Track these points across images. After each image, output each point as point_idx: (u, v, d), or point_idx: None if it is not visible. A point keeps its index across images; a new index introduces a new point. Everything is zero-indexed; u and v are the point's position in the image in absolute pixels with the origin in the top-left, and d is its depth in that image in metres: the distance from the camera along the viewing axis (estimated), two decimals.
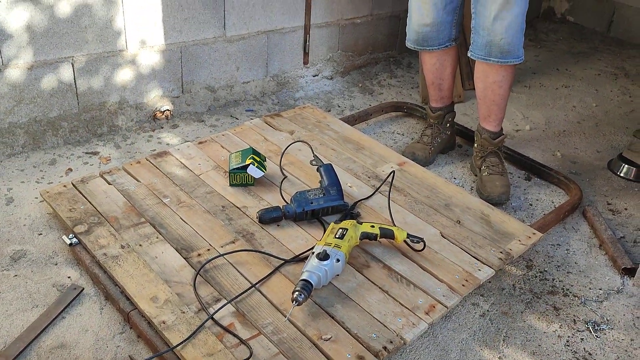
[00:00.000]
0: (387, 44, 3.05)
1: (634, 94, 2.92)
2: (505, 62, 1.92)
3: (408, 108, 2.60)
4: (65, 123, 2.11)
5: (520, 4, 1.85)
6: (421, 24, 2.07)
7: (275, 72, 2.65)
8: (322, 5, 2.66)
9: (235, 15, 2.39)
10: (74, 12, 1.97)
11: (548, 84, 3.00)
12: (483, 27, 1.91)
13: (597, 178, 2.22)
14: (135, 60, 2.19)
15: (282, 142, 2.09)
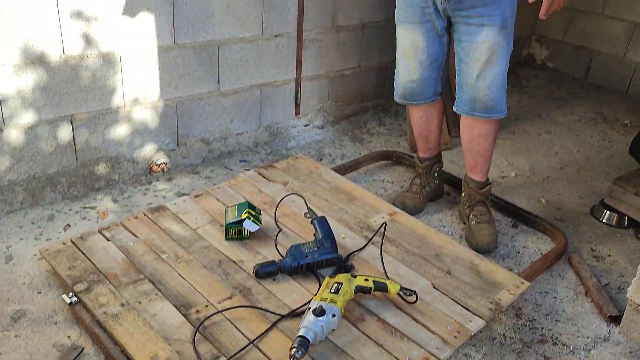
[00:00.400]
0: (375, 94, 3.16)
1: (613, 139, 3.04)
2: (489, 116, 2.01)
3: (397, 156, 2.68)
4: (63, 179, 2.16)
5: (501, 63, 1.95)
6: (408, 81, 2.16)
7: (268, 123, 2.73)
8: (312, 59, 2.76)
9: (229, 71, 2.48)
10: (74, 73, 2.05)
11: (531, 129, 3.11)
12: (467, 84, 2.01)
13: (581, 224, 2.30)
14: (132, 116, 2.26)
15: (276, 194, 2.15)
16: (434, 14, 2.01)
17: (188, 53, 2.32)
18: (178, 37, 2.26)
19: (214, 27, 2.35)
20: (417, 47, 2.08)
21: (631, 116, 3.33)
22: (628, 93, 3.62)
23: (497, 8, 1.90)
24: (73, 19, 1.97)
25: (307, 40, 2.70)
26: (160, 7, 2.16)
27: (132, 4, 2.09)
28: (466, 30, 1.96)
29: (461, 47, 2.00)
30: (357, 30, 2.90)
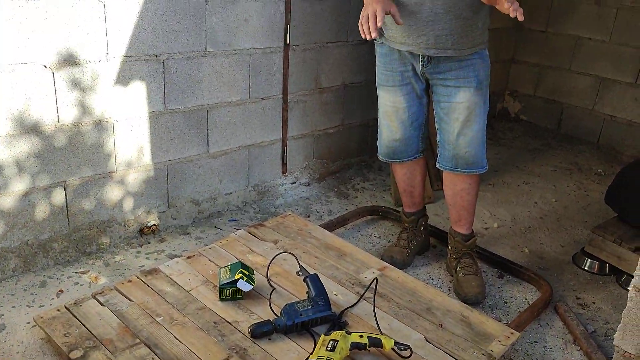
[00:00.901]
0: (359, 150, 3.26)
1: (588, 188, 3.16)
2: (470, 172, 2.11)
3: (383, 211, 2.75)
4: (56, 244, 2.17)
5: (480, 121, 2.06)
6: (391, 140, 2.26)
7: (255, 182, 2.80)
8: (297, 119, 2.86)
9: (218, 133, 2.56)
10: (68, 141, 2.10)
11: (510, 181, 3.23)
12: (448, 142, 2.11)
13: (564, 272, 2.37)
14: (124, 180, 2.31)
15: (268, 253, 2.18)
16: (413, 77, 2.13)
17: (178, 118, 2.40)
18: (169, 103, 2.35)
19: (203, 93, 2.44)
20: (398, 108, 2.19)
21: (604, 165, 3.48)
22: (599, 143, 3.79)
23: (472, 70, 2.03)
24: (69, 89, 2.05)
25: (292, 102, 2.81)
26: (152, 75, 2.25)
27: (125, 74, 2.17)
28: (444, 91, 2.08)
29: (440, 107, 2.11)
30: (340, 91, 3.02)
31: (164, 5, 2.19)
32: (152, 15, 2.18)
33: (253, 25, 2.51)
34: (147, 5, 2.15)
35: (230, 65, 2.49)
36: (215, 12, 2.36)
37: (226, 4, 2.38)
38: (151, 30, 2.20)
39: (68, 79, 2.04)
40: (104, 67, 2.11)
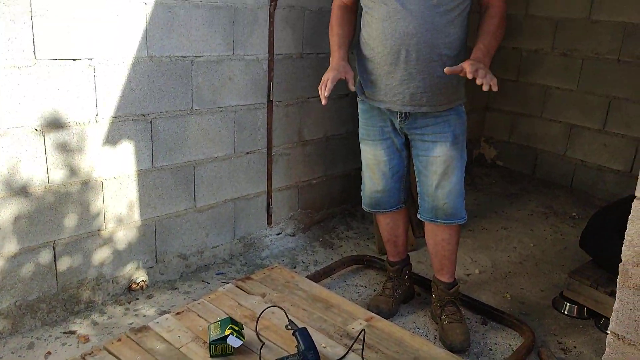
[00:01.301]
0: (342, 199, 3.34)
1: (564, 232, 3.27)
2: (450, 223, 2.19)
3: (367, 260, 2.81)
4: (43, 305, 2.18)
5: (457, 174, 2.16)
6: (374, 191, 2.34)
7: (242, 234, 2.84)
8: (281, 171, 2.94)
9: (205, 188, 2.61)
10: (57, 201, 2.14)
11: (489, 226, 3.32)
12: (427, 194, 2.19)
13: (545, 317, 2.43)
14: (113, 237, 2.34)
15: (256, 307, 2.21)
16: (393, 133, 2.23)
17: (166, 174, 2.45)
18: (157, 160, 2.41)
19: (189, 149, 2.51)
20: (379, 161, 2.28)
21: (578, 209, 3.60)
22: (572, 187, 3.92)
23: (448, 126, 2.13)
24: (59, 150, 2.10)
25: (277, 155, 2.89)
26: (140, 134, 2.32)
27: (114, 134, 2.24)
28: (422, 146, 2.18)
29: (419, 161, 2.21)
30: (322, 143, 3.12)
31: (151, 67, 2.28)
32: (140, 77, 2.26)
33: (237, 83, 2.61)
34: (135, 68, 2.23)
35: (216, 122, 2.57)
36: (201, 73, 2.45)
37: (211, 64, 2.48)
38: (139, 92, 2.28)
39: (58, 140, 2.09)
40: (93, 128, 2.17)
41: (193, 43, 2.38)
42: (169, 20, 2.28)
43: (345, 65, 2.05)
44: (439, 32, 1.97)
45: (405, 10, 1.96)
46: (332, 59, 2.12)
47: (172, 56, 2.33)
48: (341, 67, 2.03)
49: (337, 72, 2.00)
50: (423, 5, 1.95)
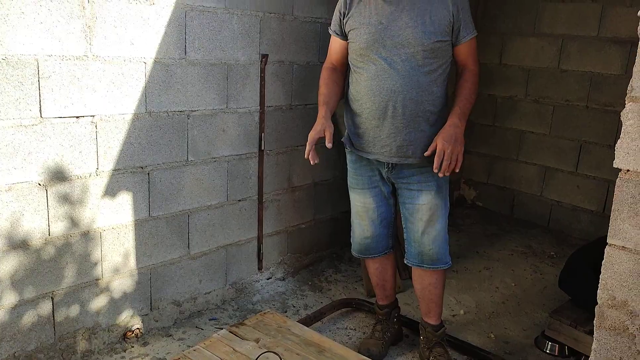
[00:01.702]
0: (330, 243, 3.44)
1: (544, 272, 3.40)
2: (435, 267, 2.30)
3: (356, 303, 2.89)
4: (41, 355, 2.21)
5: (441, 221, 2.28)
6: (363, 237, 2.46)
7: (233, 279, 2.92)
8: (272, 217, 3.04)
9: (198, 236, 2.70)
10: (57, 252, 2.20)
11: (472, 267, 3.44)
12: (414, 240, 2.31)
13: (529, 356, 2.54)
14: (110, 286, 2.40)
15: (251, 352, 2.27)
16: (380, 181, 2.36)
17: (161, 223, 2.54)
18: (153, 210, 2.49)
19: (184, 199, 2.60)
20: (368, 208, 2.40)
21: (556, 248, 3.75)
22: (549, 226, 4.09)
23: (432, 176, 2.26)
24: (60, 203, 2.18)
25: (267, 201, 3.00)
26: (138, 185, 2.41)
27: (113, 186, 2.32)
28: (408, 194, 2.31)
29: (405, 208, 2.33)
30: (310, 189, 3.24)
31: (150, 122, 2.39)
32: (139, 132, 2.37)
33: (230, 134, 2.73)
34: (134, 123, 2.34)
35: (209, 172, 2.68)
36: (197, 126, 2.57)
37: (206, 118, 2.60)
38: (138, 145, 2.38)
39: (60, 194, 2.17)
40: (93, 181, 2.26)
41: (189, 98, 2.51)
42: (166, 78, 2.41)
43: (324, 122, 2.19)
44: (424, 90, 2.13)
45: (393, 69, 2.12)
46: (319, 113, 2.26)
47: (170, 111, 2.45)
48: (320, 125, 2.18)
49: (315, 133, 2.16)
50: (409, 65, 2.11)
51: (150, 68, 2.34)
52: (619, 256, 1.63)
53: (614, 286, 1.65)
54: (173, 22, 2.38)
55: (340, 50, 2.33)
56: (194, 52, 2.48)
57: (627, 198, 1.59)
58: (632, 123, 1.56)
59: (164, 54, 2.38)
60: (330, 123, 2.21)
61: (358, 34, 2.19)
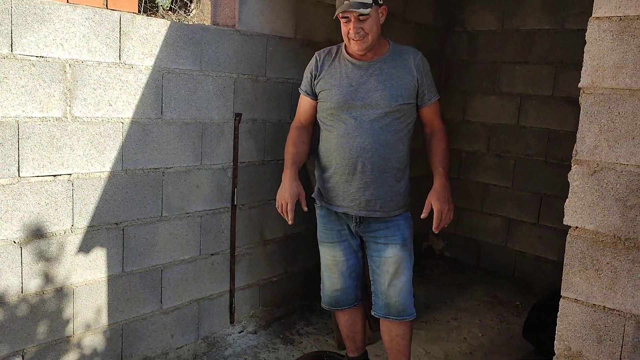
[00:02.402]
0: (301, 294, 3.48)
1: (510, 321, 3.50)
2: (401, 319, 2.38)
3: (327, 356, 2.93)
4: None
5: (407, 273, 2.38)
6: (333, 290, 2.53)
7: (205, 333, 2.93)
8: (244, 270, 3.09)
9: (171, 290, 2.73)
10: (30, 309, 2.21)
11: (440, 317, 3.52)
12: (381, 292, 2.40)
13: None
14: (81, 343, 2.40)
15: None
16: (349, 235, 2.46)
17: (135, 278, 2.57)
18: (127, 265, 2.53)
19: (158, 254, 2.64)
20: (337, 261, 2.49)
21: (521, 297, 3.87)
22: (514, 276, 4.22)
23: (397, 230, 2.38)
24: (34, 261, 2.20)
25: (239, 255, 3.05)
26: (113, 241, 2.46)
27: (88, 243, 2.36)
28: (375, 247, 2.41)
29: (373, 261, 2.43)
30: (282, 242, 3.31)
31: (126, 179, 2.46)
32: (114, 189, 2.43)
33: (204, 190, 2.81)
34: (111, 180, 2.41)
35: (183, 227, 2.74)
36: (171, 182, 2.65)
37: (181, 174, 2.68)
38: (113, 202, 2.44)
39: (35, 251, 2.20)
40: (69, 238, 2.30)
41: (165, 156, 2.59)
42: (143, 137, 2.50)
43: (297, 186, 2.34)
44: (390, 148, 2.28)
45: (362, 128, 2.26)
46: (284, 175, 2.38)
47: (145, 168, 2.53)
48: (294, 188, 2.32)
49: (292, 198, 2.31)
50: (377, 125, 2.26)
51: (127, 127, 2.43)
52: (572, 308, 1.75)
53: (569, 337, 1.76)
54: (150, 84, 2.49)
55: (310, 109, 2.47)
56: (170, 112, 2.59)
57: (577, 253, 1.72)
58: (578, 184, 1.71)
59: (141, 114, 2.48)
60: (300, 186, 2.33)
61: (329, 94, 2.34)
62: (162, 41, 2.50)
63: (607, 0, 1.59)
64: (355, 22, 2.20)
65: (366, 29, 2.21)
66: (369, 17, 2.19)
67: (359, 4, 2.15)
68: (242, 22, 2.85)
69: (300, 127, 2.50)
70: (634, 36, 1.55)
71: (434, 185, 2.29)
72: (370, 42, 2.24)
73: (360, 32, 2.20)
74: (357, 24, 2.20)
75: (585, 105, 1.68)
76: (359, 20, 2.19)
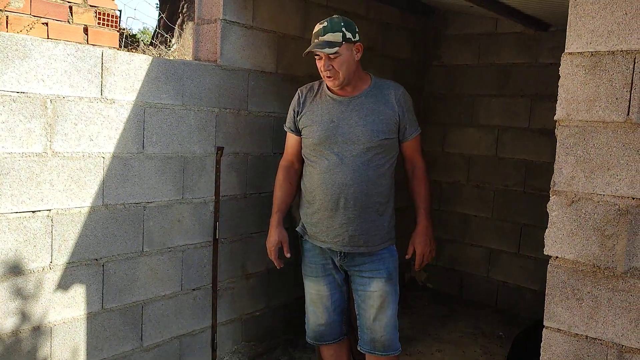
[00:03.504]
0: (284, 329, 3.44)
1: (493, 352, 3.49)
2: (386, 354, 2.37)
3: None
4: None
5: (392, 307, 2.37)
6: (317, 324, 2.51)
7: None
8: (226, 305, 3.05)
9: (152, 327, 2.68)
10: (5, 350, 2.15)
11: (424, 349, 3.50)
12: (366, 327, 2.38)
13: None
14: None
15: None
16: (334, 269, 2.46)
17: (115, 315, 2.52)
18: (106, 302, 2.48)
19: (138, 290, 2.60)
20: (322, 296, 2.47)
21: (504, 327, 3.87)
22: (497, 306, 4.22)
23: (382, 264, 2.38)
24: (11, 298, 2.15)
25: (222, 290, 3.02)
26: (92, 277, 2.41)
27: (67, 280, 2.32)
28: (360, 281, 2.40)
29: (358, 295, 2.42)
30: (264, 276, 3.28)
31: (106, 215, 2.44)
32: (94, 224, 2.40)
33: (186, 224, 2.79)
34: (91, 216, 2.38)
35: (164, 262, 2.70)
36: (153, 217, 2.62)
37: (162, 209, 2.66)
38: (93, 237, 2.41)
39: (12, 289, 2.15)
40: (47, 275, 2.26)
41: (146, 190, 2.58)
42: (124, 171, 2.48)
43: (280, 232, 2.45)
44: (373, 183, 2.29)
45: (344, 164, 2.28)
46: (272, 220, 2.48)
47: (126, 203, 2.51)
48: (276, 236, 2.45)
49: (274, 246, 2.45)
50: (359, 161, 2.28)
51: (108, 162, 2.42)
52: (555, 338, 1.76)
53: None
54: (132, 119, 2.49)
55: (296, 145, 2.49)
56: (152, 147, 2.59)
57: (558, 283, 1.74)
58: (557, 214, 1.74)
59: (123, 148, 2.47)
60: (284, 232, 2.40)
61: (311, 130, 2.36)
62: (144, 76, 2.52)
63: (579, 37, 1.66)
64: (325, 60, 2.24)
65: (336, 66, 2.25)
66: (339, 55, 2.23)
67: (325, 42, 2.21)
68: (223, 57, 2.89)
69: (288, 165, 2.53)
70: (606, 71, 1.61)
71: (417, 226, 2.36)
72: (343, 79, 2.28)
73: (331, 70, 2.25)
74: (328, 62, 2.25)
75: (562, 137, 1.73)
76: (329, 59, 2.24)
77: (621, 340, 1.60)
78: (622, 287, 1.60)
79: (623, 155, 1.59)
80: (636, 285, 1.57)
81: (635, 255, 1.57)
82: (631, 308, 1.59)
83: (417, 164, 2.42)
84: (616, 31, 1.59)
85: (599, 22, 1.61)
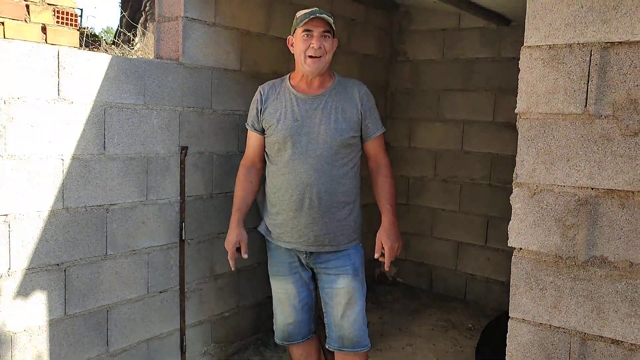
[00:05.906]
0: (254, 329, 3.41)
1: (463, 344, 3.53)
2: (355, 351, 2.36)
3: None
4: None
5: (360, 303, 2.37)
6: (285, 324, 2.49)
7: None
8: (194, 307, 3.00)
9: (118, 332, 2.62)
10: None
11: (395, 344, 3.51)
12: (334, 324, 2.38)
13: None
14: None
15: None
16: (300, 267, 2.44)
17: (78, 321, 2.45)
18: (69, 308, 2.41)
19: (103, 294, 2.54)
20: (289, 294, 2.46)
21: (473, 319, 3.92)
22: (466, 299, 4.28)
23: (348, 260, 2.38)
24: None
25: (189, 291, 2.97)
26: (54, 283, 2.34)
27: (27, 286, 2.25)
28: (326, 278, 2.39)
29: (325, 292, 2.41)
30: (233, 276, 3.24)
31: (67, 218, 2.37)
32: (55, 228, 2.33)
33: (150, 226, 2.73)
34: (51, 220, 2.31)
35: (129, 265, 2.64)
36: (116, 219, 2.56)
37: (126, 211, 2.61)
38: (54, 242, 2.34)
39: None
40: (5, 283, 2.18)
41: (108, 192, 2.52)
42: (85, 173, 2.42)
43: (239, 232, 2.41)
44: (337, 182, 2.28)
45: (307, 164, 2.26)
46: (231, 219, 2.45)
47: (88, 206, 2.44)
48: (235, 236, 2.41)
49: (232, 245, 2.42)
50: (323, 160, 2.26)
51: (68, 164, 2.35)
52: (520, 328, 1.78)
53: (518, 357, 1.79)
54: (92, 119, 2.43)
55: (258, 144, 2.46)
56: (113, 147, 2.52)
57: (522, 274, 1.76)
58: (520, 206, 1.76)
59: (83, 150, 2.40)
60: (244, 232, 2.36)
61: (274, 129, 2.33)
62: (103, 75, 2.45)
63: (537, 30, 1.68)
64: (318, 37, 2.22)
65: (326, 47, 2.24)
66: (331, 37, 2.24)
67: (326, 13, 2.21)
68: (185, 55, 2.84)
69: (249, 165, 2.49)
70: (563, 63, 1.63)
71: (382, 223, 2.33)
72: (326, 63, 2.27)
73: (321, 49, 2.22)
74: (321, 40, 2.22)
75: (522, 130, 1.75)
76: (323, 37, 2.22)
77: (583, 328, 1.63)
78: (583, 276, 1.63)
79: (582, 147, 1.61)
80: (596, 274, 1.60)
81: (595, 244, 1.60)
82: (592, 296, 1.61)
83: (381, 162, 2.41)
84: (573, 24, 1.61)
85: (557, 15, 1.63)
